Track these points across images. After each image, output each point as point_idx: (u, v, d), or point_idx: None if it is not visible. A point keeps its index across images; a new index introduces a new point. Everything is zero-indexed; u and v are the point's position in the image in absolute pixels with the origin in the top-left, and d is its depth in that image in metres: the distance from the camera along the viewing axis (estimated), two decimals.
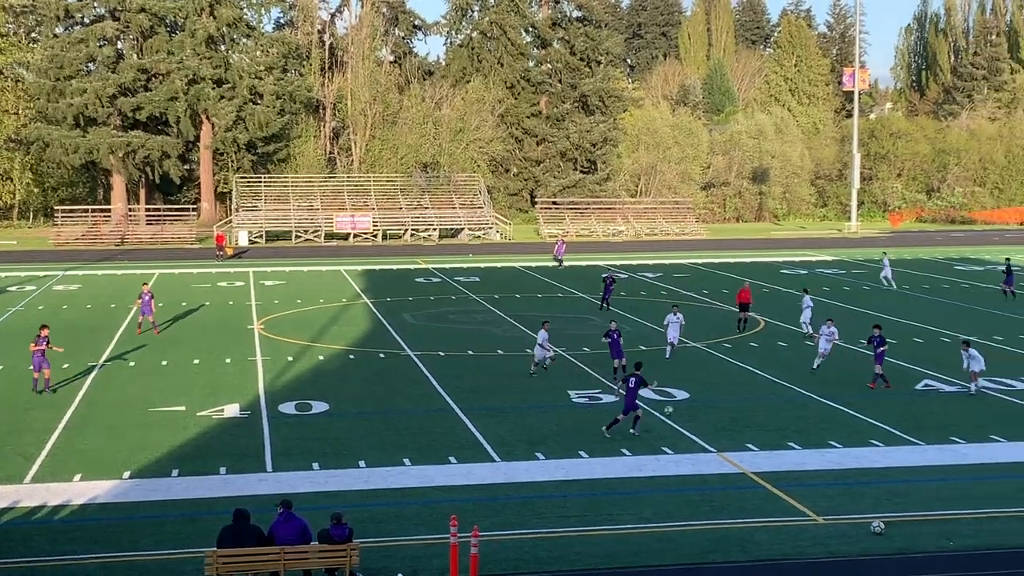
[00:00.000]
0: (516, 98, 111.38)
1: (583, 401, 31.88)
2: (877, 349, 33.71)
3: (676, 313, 39.01)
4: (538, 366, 35.49)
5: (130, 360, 38.06)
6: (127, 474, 24.51)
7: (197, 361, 37.99)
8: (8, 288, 58.51)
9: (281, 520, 18.15)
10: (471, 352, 39.85)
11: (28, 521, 21.57)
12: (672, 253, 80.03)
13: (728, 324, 45.95)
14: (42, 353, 32.27)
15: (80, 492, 23.20)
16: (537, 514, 21.89)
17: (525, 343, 41.38)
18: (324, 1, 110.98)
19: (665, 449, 26.60)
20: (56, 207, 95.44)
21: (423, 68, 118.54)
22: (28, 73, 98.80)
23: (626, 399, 27.75)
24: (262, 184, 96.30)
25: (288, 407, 31.03)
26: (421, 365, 37.37)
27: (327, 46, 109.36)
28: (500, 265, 71.38)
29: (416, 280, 62.83)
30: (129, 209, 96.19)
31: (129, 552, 19.77)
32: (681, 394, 32.48)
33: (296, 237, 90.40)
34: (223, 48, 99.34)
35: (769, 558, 19.66)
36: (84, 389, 33.20)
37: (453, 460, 25.66)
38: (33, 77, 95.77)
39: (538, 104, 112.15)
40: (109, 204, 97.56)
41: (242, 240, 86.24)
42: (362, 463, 25.38)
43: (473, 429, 28.52)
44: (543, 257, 76.34)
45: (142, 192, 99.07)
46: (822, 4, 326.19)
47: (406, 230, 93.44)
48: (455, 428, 28.71)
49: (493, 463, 25.53)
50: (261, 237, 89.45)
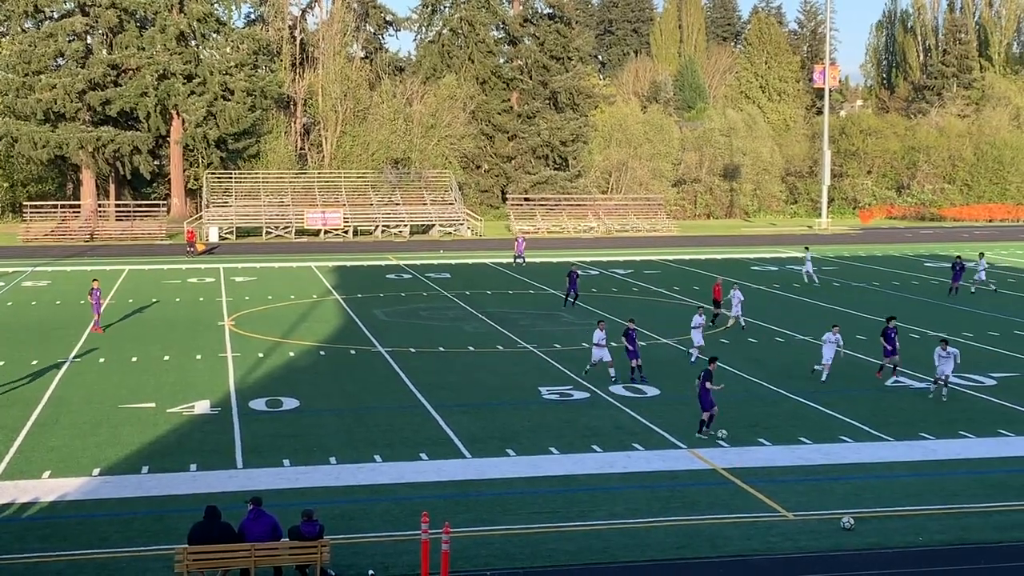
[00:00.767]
0: (487, 95, 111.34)
1: (554, 397, 31.92)
2: (889, 341, 34.01)
3: (700, 315, 38.29)
4: (594, 367, 34.40)
5: (100, 357, 37.83)
6: (96, 471, 24.37)
7: (167, 357, 37.82)
8: None
9: (251, 517, 18.10)
10: (442, 348, 39.83)
11: None
12: (643, 250, 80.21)
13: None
14: None
15: (49, 489, 23.05)
16: (508, 510, 21.90)
17: (496, 339, 41.42)
18: None
19: (636, 445, 26.66)
20: (25, 203, 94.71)
21: (394, 64, 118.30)
22: None
23: (701, 399, 27.40)
24: (232, 180, 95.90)
25: (259, 404, 30.93)
26: (392, 361, 37.32)
27: (298, 42, 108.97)
28: (471, 261, 71.37)
29: (387, 276, 62.74)
30: (99, 205, 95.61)
31: (99, 550, 19.66)
32: (652, 390, 32.57)
33: (267, 233, 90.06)
34: (193, 44, 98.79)
35: (739, 554, 19.75)
36: (53, 386, 32.97)
37: (424, 456, 25.64)
38: (1, 73, 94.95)
39: (509, 101, 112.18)
40: (78, 200, 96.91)
41: (212, 236, 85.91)
42: (333, 460, 25.33)
43: (444, 425, 28.51)
44: (514, 254, 76.22)
45: (112, 188, 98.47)
46: (792, 1, 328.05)
47: (377, 226, 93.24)
48: (426, 424, 28.70)
49: (464, 459, 25.54)
50: (232, 233, 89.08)
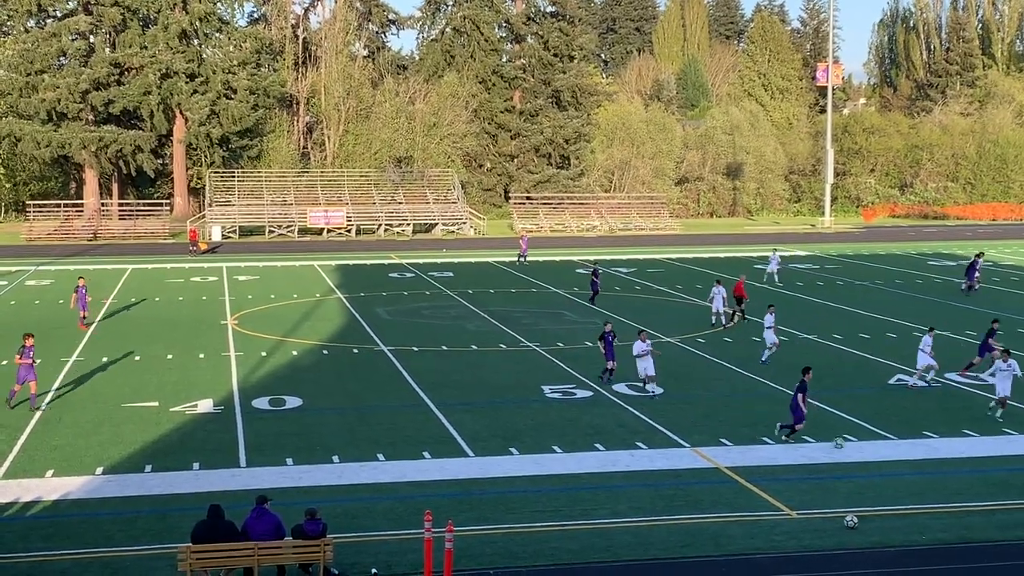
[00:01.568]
0: (489, 93, 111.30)
1: (557, 396, 31.92)
2: (987, 340, 34.33)
3: (771, 313, 37.60)
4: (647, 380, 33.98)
5: (102, 355, 37.85)
6: (100, 470, 24.39)
7: (170, 356, 37.84)
8: None
9: (254, 516, 18.12)
10: (445, 347, 39.83)
11: (0, 518, 21.47)
12: (646, 248, 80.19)
13: (703, 319, 46.12)
14: (29, 365, 29.80)
15: (52, 488, 23.07)
16: (511, 509, 21.91)
17: (499, 338, 41.41)
18: None
19: (639, 444, 26.67)
20: (28, 202, 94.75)
21: (396, 63, 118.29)
22: None
23: (794, 410, 26.98)
24: (235, 179, 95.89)
25: (261, 402, 30.95)
26: (395, 360, 37.33)
27: (300, 41, 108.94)
28: (474, 260, 71.37)
29: (390, 275, 62.75)
30: (102, 204, 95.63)
31: (102, 548, 19.68)
32: (655, 389, 32.52)
33: (269, 232, 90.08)
34: (196, 42, 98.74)
35: (743, 552, 19.75)
36: (56, 385, 33.00)
37: (427, 455, 25.65)
38: (4, 72, 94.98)
39: (512, 99, 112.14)
40: (81, 199, 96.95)
41: (215, 235, 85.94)
42: (336, 458, 25.34)
43: (447, 424, 28.52)
44: (517, 252, 76.24)
45: (115, 187, 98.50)
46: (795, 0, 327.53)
47: (380, 225, 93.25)
48: (429, 423, 28.70)
49: (467, 458, 25.54)
50: (234, 232, 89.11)
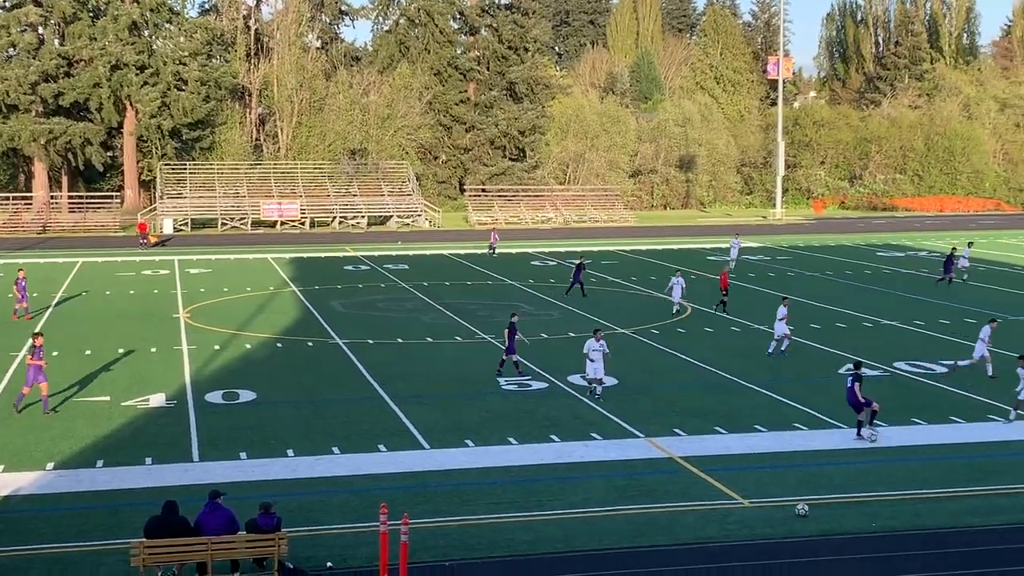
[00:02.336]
0: (444, 85, 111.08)
1: (512, 388, 31.97)
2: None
3: (785, 305, 37.43)
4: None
5: (53, 350, 37.45)
6: (50, 465, 24.18)
7: (121, 350, 37.52)
8: None
9: (208, 510, 18.05)
10: (400, 340, 39.78)
11: None
12: (600, 240, 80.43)
13: (657, 310, 46.37)
14: (39, 367, 28.68)
15: (2, 484, 22.84)
16: (467, 501, 21.94)
17: (454, 331, 41.40)
18: None
19: (594, 435, 26.77)
20: None
21: (350, 54, 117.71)
22: None
23: (854, 405, 26.78)
24: (187, 171, 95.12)
25: (215, 396, 30.78)
26: (350, 353, 37.24)
27: (252, 32, 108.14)
28: (429, 253, 71.28)
29: (345, 268, 62.54)
30: (51, 197, 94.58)
31: (53, 544, 19.52)
32: (610, 380, 32.64)
33: (222, 225, 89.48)
34: (146, 34, 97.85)
35: (696, 541, 19.90)
36: (6, 379, 32.66)
37: (382, 448, 25.63)
38: None
39: (466, 91, 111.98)
40: (31, 192, 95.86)
41: (167, 228, 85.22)
42: (290, 452, 25.27)
43: (402, 417, 28.50)
44: (473, 245, 76.34)
45: (64, 179, 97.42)
46: None
47: (334, 218, 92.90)
48: (384, 416, 28.67)
49: (422, 451, 25.54)
50: (186, 225, 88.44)
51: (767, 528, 20.52)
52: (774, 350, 36.64)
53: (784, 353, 36.52)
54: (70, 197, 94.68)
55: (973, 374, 33.23)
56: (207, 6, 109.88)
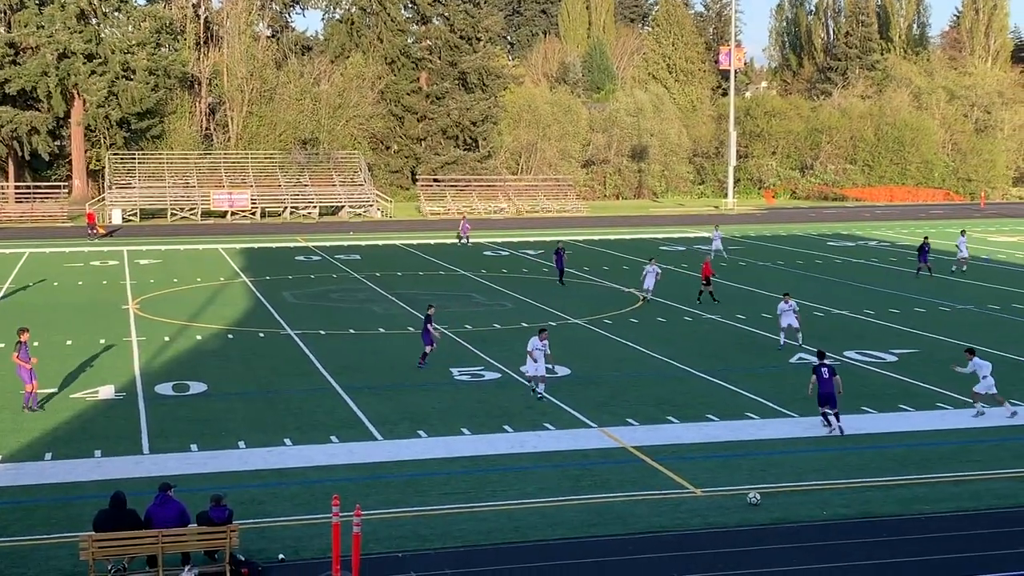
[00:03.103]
0: (396, 75, 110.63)
1: (465, 378, 31.95)
2: None
3: (787, 302, 37.25)
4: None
5: (0, 341, 37.00)
6: None
7: (70, 342, 37.12)
8: None
9: (158, 503, 17.88)
10: (352, 331, 39.64)
11: None
12: (553, 230, 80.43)
13: (610, 300, 46.47)
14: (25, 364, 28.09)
15: None
16: (420, 492, 21.90)
17: (407, 321, 41.28)
18: None
19: (546, 425, 26.80)
20: None
21: (301, 43, 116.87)
22: None
23: (821, 391, 26.56)
24: (136, 161, 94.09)
25: (165, 388, 30.53)
26: (302, 344, 37.06)
27: (202, 20, 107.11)
28: (381, 243, 71.04)
29: (296, 258, 62.22)
30: None
31: (1, 538, 19.26)
32: (563, 370, 32.70)
33: (172, 215, 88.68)
34: (95, 22, 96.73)
35: (649, 530, 19.96)
36: None
37: (335, 439, 25.52)
38: None
39: (418, 81, 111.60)
40: None
41: (116, 218, 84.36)
42: (242, 444, 25.11)
43: (355, 408, 28.40)
44: (425, 235, 76.19)
45: (11, 169, 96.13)
46: None
47: (285, 208, 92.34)
48: (336, 407, 28.56)
49: (375, 441, 25.47)
50: (136, 215, 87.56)
51: (719, 517, 20.63)
52: (784, 343, 36.65)
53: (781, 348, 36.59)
54: (17, 187, 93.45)
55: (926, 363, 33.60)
56: None
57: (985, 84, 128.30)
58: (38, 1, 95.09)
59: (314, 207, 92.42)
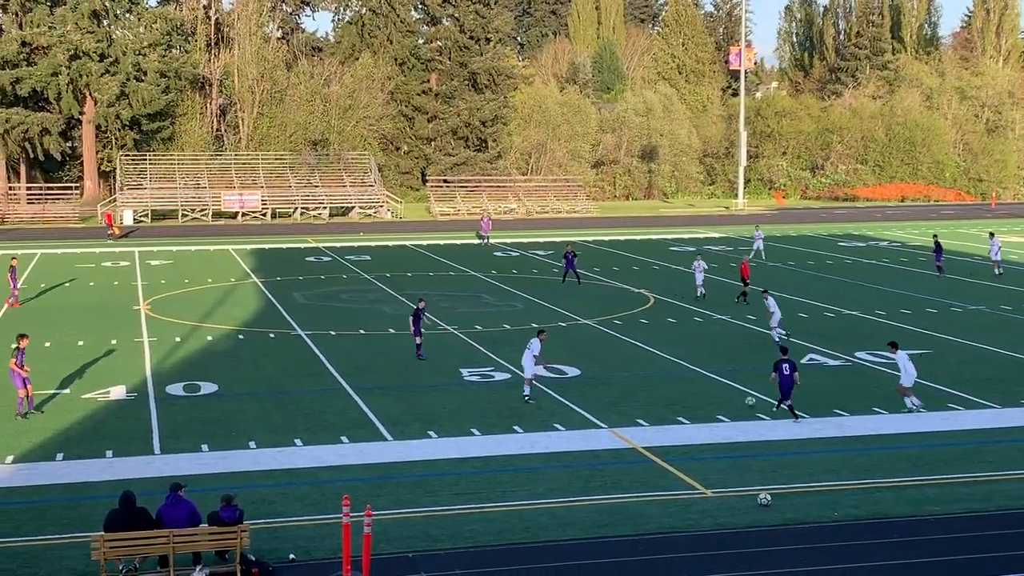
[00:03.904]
0: (406, 75, 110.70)
1: (475, 379, 31.95)
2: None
3: (767, 296, 37.90)
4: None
5: (11, 342, 37.05)
6: (9, 459, 23.94)
7: (81, 343, 37.22)
8: None
9: (169, 503, 17.92)
10: (363, 331, 39.67)
11: None
12: (563, 231, 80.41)
13: (620, 301, 46.43)
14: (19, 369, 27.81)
15: None
16: (430, 492, 21.90)
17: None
18: None
19: (557, 425, 26.80)
20: None
21: (311, 44, 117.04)
22: None
23: (782, 384, 27.23)
24: (147, 162, 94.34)
25: (176, 388, 30.59)
26: (312, 345, 37.10)
27: (213, 22, 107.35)
28: (391, 244, 71.08)
29: (307, 259, 62.29)
30: (9, 188, 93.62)
31: (12, 538, 19.33)
32: (572, 371, 32.72)
33: (183, 216, 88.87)
34: (106, 23, 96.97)
35: (659, 531, 19.95)
36: None
37: (345, 440, 25.55)
38: None
39: (428, 81, 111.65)
40: None
41: (127, 219, 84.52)
42: (252, 444, 25.14)
43: (365, 408, 28.42)
44: (435, 236, 76.23)
45: (23, 170, 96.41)
46: None
47: (296, 209, 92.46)
48: (347, 408, 28.58)
49: (386, 442, 25.48)
50: (147, 216, 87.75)
51: (730, 518, 20.60)
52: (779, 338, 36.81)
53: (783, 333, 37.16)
54: (28, 188, 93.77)
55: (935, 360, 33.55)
56: None
57: (996, 84, 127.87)
58: (50, 2, 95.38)
59: (324, 208, 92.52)
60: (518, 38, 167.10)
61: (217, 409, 28.38)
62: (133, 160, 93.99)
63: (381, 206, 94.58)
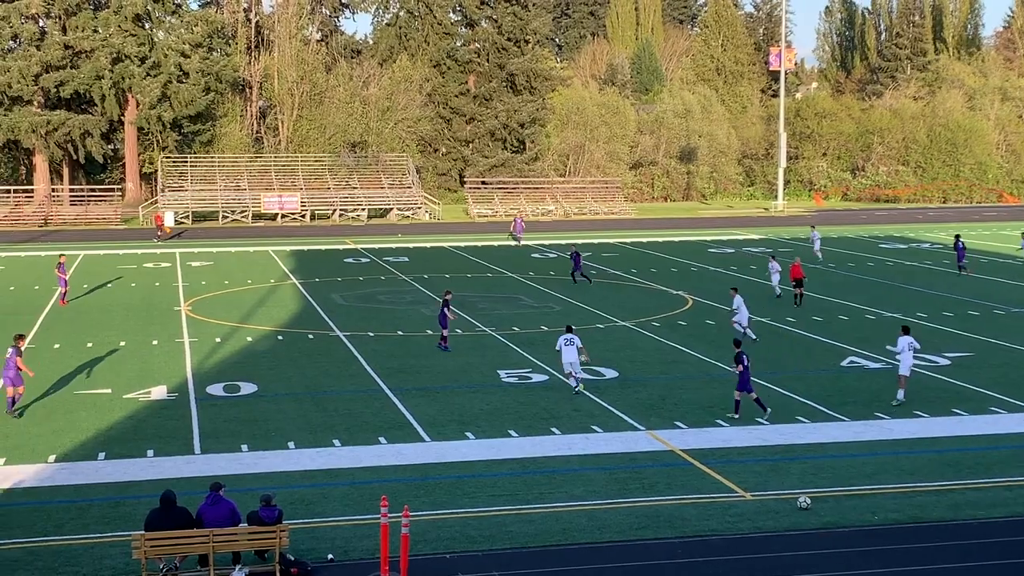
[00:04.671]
0: (443, 77, 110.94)
1: (513, 380, 31.96)
2: None
3: (735, 294, 38.21)
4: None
5: (54, 342, 37.49)
6: (52, 458, 24.18)
7: (123, 343, 37.54)
8: None
9: (209, 502, 18.04)
10: (400, 332, 39.77)
11: None
12: (601, 232, 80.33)
13: (658, 302, 46.32)
14: (10, 367, 28.31)
15: (4, 477, 22.84)
16: (468, 493, 21.93)
17: (454, 323, 41.26)
18: None
19: (595, 427, 26.76)
20: None
21: (350, 47, 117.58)
22: None
23: (743, 376, 27.69)
24: (188, 164, 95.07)
25: (216, 389, 30.78)
26: (350, 345, 37.24)
27: (253, 24, 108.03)
28: (429, 245, 71.24)
29: (345, 260, 62.53)
30: (52, 190, 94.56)
31: (54, 537, 19.52)
32: (610, 372, 32.68)
33: (223, 218, 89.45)
34: (148, 26, 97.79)
35: (698, 534, 19.88)
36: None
37: (383, 440, 25.62)
38: None
39: (466, 83, 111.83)
40: (32, 185, 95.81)
41: (168, 220, 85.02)
42: (291, 444, 25.26)
43: (403, 409, 28.49)
44: (472, 237, 76.36)
45: (65, 172, 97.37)
46: None
47: (334, 210, 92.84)
48: (385, 408, 28.67)
49: (423, 443, 25.54)
50: (187, 218, 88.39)
51: (769, 521, 20.50)
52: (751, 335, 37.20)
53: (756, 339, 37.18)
54: (71, 190, 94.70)
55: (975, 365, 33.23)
56: None
57: None
58: (93, 5, 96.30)
59: (363, 209, 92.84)
60: (556, 39, 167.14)
61: (256, 409, 28.55)
62: (174, 162, 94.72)
63: (419, 208, 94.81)
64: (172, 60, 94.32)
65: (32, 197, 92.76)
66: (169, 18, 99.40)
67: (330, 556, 18.61)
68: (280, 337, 39.00)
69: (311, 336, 39.16)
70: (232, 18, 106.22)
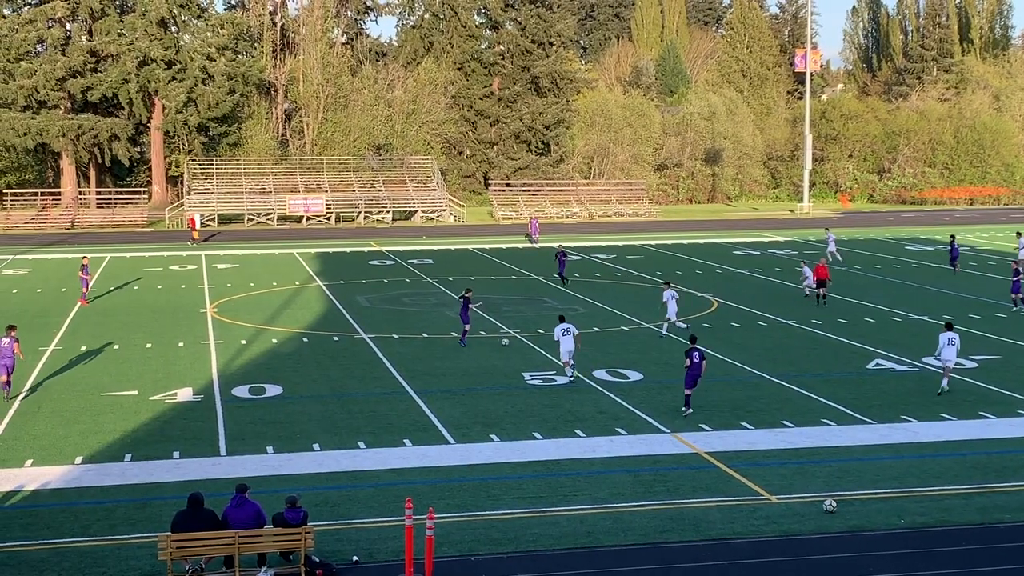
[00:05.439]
0: (468, 79, 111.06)
1: (537, 382, 31.95)
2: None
3: (667, 287, 40.24)
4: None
5: (81, 344, 37.71)
6: (79, 459, 24.31)
7: (149, 345, 37.71)
8: None
9: (235, 504, 18.10)
10: (425, 335, 39.81)
11: None
12: (626, 235, 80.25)
13: (683, 304, 46.19)
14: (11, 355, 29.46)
15: (32, 478, 22.98)
16: (492, 496, 21.93)
17: (479, 325, 41.35)
18: None
19: (619, 430, 26.72)
20: (4, 191, 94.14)
21: (375, 49, 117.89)
22: None
23: (690, 372, 28.29)
24: (214, 167, 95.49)
25: (242, 391, 30.88)
26: (375, 348, 37.30)
27: (279, 27, 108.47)
28: (454, 248, 71.31)
29: (370, 263, 62.65)
30: (79, 192, 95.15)
31: (81, 538, 19.63)
32: (635, 375, 32.63)
33: (249, 220, 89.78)
34: (174, 29, 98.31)
35: (723, 537, 19.83)
36: (35, 374, 32.84)
37: (408, 443, 25.66)
38: None
39: (490, 86, 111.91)
40: (59, 187, 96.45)
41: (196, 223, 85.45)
42: (316, 446, 25.32)
43: (427, 411, 28.52)
44: (497, 239, 76.38)
45: (92, 175, 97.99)
46: None
47: (359, 213, 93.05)
48: (409, 411, 28.70)
49: (448, 445, 25.56)
50: (213, 220, 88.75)
51: (795, 524, 20.43)
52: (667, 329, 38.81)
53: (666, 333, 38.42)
54: (98, 193, 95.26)
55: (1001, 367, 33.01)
56: (234, 2, 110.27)
57: None
58: (119, 9, 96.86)
59: (388, 212, 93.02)
60: (581, 42, 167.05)
61: (282, 411, 28.63)
62: (200, 165, 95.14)
63: (444, 210, 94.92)
64: (198, 63, 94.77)
65: (59, 200, 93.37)
66: (195, 21, 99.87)
67: (355, 558, 18.64)
68: (305, 339, 39.10)
69: (336, 338, 39.25)
70: (257, 21, 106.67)
